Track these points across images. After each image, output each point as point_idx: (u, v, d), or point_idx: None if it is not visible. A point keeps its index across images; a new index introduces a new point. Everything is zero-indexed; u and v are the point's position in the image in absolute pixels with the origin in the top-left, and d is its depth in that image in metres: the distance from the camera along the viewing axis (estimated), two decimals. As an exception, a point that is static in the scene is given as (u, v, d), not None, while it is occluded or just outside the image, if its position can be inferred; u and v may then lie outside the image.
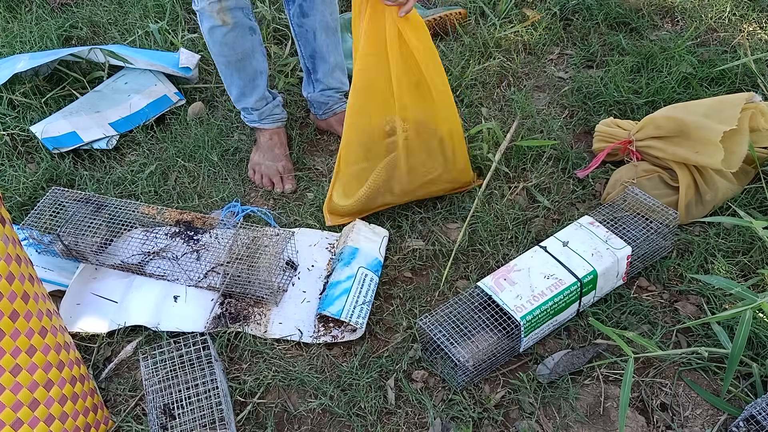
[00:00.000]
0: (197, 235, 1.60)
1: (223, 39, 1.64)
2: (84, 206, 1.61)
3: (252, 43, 1.68)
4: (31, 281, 1.09)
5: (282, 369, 1.38)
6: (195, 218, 1.63)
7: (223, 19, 1.60)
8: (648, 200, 1.49)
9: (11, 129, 2.03)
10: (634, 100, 1.89)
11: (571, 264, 1.35)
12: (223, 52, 1.68)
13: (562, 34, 2.23)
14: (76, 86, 2.18)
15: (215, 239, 1.59)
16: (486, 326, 1.34)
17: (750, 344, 1.31)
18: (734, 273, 1.46)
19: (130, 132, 2.02)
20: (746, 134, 1.53)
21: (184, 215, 1.63)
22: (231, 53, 1.67)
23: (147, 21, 2.48)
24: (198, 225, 1.62)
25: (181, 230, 1.61)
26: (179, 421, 1.25)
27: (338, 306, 1.41)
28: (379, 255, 1.55)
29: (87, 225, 1.57)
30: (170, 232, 1.61)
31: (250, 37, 1.67)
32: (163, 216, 1.61)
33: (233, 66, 1.70)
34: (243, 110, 1.84)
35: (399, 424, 1.27)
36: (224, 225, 1.61)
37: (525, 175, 1.76)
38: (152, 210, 1.62)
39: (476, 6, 2.34)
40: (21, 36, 2.45)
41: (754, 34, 2.12)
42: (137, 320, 1.45)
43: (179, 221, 1.62)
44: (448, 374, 1.32)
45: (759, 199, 1.59)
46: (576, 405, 1.27)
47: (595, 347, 1.35)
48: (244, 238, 1.53)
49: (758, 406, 1.13)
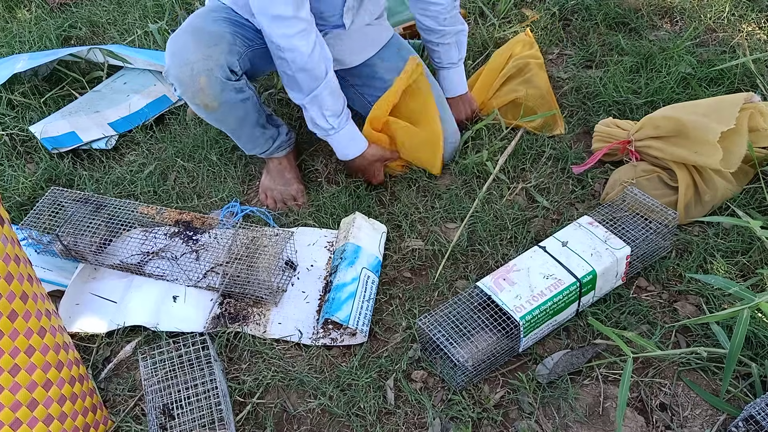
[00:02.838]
0: (196, 235, 1.60)
1: (213, 118, 1.57)
2: (83, 206, 1.61)
3: (245, 110, 1.58)
4: (30, 281, 1.09)
5: (281, 369, 1.38)
6: (194, 218, 1.63)
7: (206, 105, 1.52)
8: (647, 200, 1.49)
9: (10, 129, 2.03)
10: (633, 100, 1.90)
11: (570, 264, 1.35)
12: (215, 125, 1.61)
13: (562, 34, 2.23)
14: (75, 86, 2.19)
15: (214, 239, 1.59)
16: (485, 326, 1.34)
17: (749, 344, 1.31)
18: (733, 273, 1.46)
19: (129, 132, 2.02)
20: (745, 134, 1.53)
21: (184, 215, 1.63)
22: (224, 125, 1.61)
23: (146, 21, 2.48)
24: (197, 225, 1.62)
25: (180, 230, 1.61)
26: (178, 421, 1.25)
27: (345, 311, 1.41)
28: (378, 253, 1.55)
29: (86, 225, 1.57)
30: (169, 232, 1.61)
31: (242, 105, 1.56)
32: (162, 216, 1.61)
33: (229, 131, 1.64)
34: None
35: (398, 424, 1.27)
36: (223, 225, 1.60)
37: (524, 175, 1.76)
38: (151, 210, 1.62)
39: (476, 6, 2.34)
40: (20, 36, 2.45)
41: (753, 34, 2.12)
42: (136, 320, 1.45)
43: (178, 221, 1.62)
44: (448, 374, 1.32)
45: (758, 199, 1.59)
46: (575, 405, 1.27)
47: (594, 347, 1.35)
48: (243, 238, 1.52)
49: (757, 406, 1.13)
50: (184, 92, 1.51)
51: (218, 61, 1.47)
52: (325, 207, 1.71)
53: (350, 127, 1.63)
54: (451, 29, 1.78)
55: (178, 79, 1.49)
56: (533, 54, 1.97)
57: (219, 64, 1.47)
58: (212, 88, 1.48)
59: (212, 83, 1.47)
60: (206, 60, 1.46)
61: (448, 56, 1.82)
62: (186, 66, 1.46)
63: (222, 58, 1.47)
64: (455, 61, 1.84)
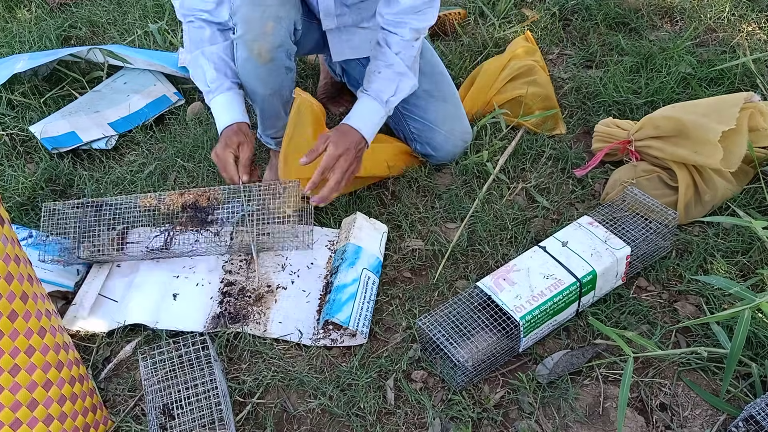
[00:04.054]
0: (210, 215, 1.59)
1: (255, 72, 1.54)
2: (85, 210, 1.59)
3: (284, 81, 1.58)
4: (30, 281, 1.09)
5: (281, 369, 1.38)
6: (197, 196, 1.60)
7: (260, 54, 1.50)
8: (647, 200, 1.49)
9: (10, 129, 2.03)
10: (633, 100, 1.90)
11: (570, 264, 1.35)
12: (250, 84, 1.58)
13: (562, 34, 2.23)
14: (75, 86, 2.18)
15: (229, 213, 1.59)
16: (485, 326, 1.34)
17: (749, 344, 1.31)
18: (733, 273, 1.46)
19: (129, 132, 2.02)
20: (745, 134, 1.53)
21: (186, 196, 1.60)
22: (260, 87, 1.58)
23: (146, 21, 2.48)
24: (204, 204, 1.60)
25: (192, 214, 1.59)
26: (178, 421, 1.25)
27: (346, 313, 1.41)
28: (379, 254, 1.55)
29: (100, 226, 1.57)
30: (182, 221, 1.60)
31: (284, 75, 1.57)
32: (165, 203, 1.59)
33: (258, 98, 1.62)
34: (260, 132, 1.81)
35: (398, 424, 1.27)
36: (229, 193, 1.59)
37: (524, 175, 1.76)
38: (150, 200, 1.60)
39: (476, 6, 2.35)
40: (20, 36, 2.45)
41: (753, 34, 2.12)
42: (136, 319, 1.45)
43: (184, 206, 1.59)
44: (448, 374, 1.32)
45: (758, 199, 1.59)
46: (575, 405, 1.27)
47: (594, 347, 1.35)
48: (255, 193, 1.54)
49: (757, 406, 1.13)
50: (246, 32, 1.49)
51: (289, 14, 1.49)
52: (326, 206, 1.71)
53: (225, 98, 1.60)
54: (398, 62, 1.55)
55: (246, 17, 1.49)
56: (537, 60, 1.98)
57: (289, 16, 1.49)
58: (275, 36, 1.48)
59: (277, 31, 1.48)
60: (279, 7, 1.48)
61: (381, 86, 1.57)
62: (259, 7, 1.47)
63: (293, 12, 1.50)
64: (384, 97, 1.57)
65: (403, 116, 1.75)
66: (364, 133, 1.53)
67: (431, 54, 1.77)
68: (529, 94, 1.85)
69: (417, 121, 1.73)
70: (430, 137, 1.73)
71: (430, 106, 1.72)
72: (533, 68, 1.92)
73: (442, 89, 1.75)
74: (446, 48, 2.19)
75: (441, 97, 1.74)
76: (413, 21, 1.51)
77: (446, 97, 1.75)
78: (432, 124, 1.72)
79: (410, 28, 1.51)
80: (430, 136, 1.73)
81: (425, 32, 1.56)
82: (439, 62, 1.78)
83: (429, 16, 1.52)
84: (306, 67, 2.19)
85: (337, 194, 1.52)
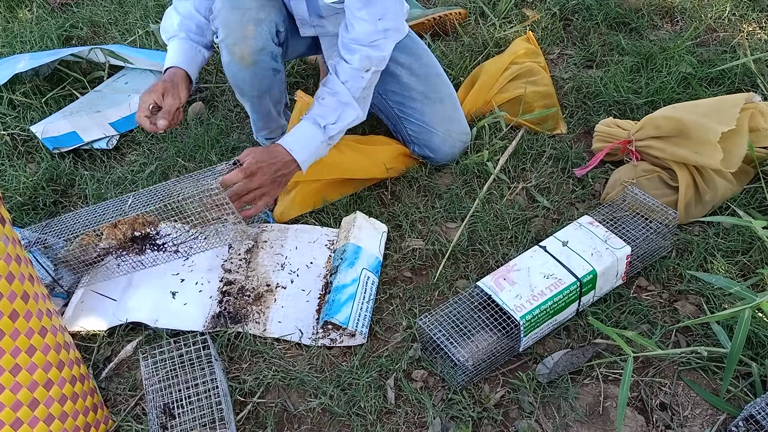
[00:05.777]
0: (159, 239, 1.53)
1: (240, 75, 1.54)
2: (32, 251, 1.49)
3: (272, 82, 1.57)
4: (31, 281, 1.09)
5: (282, 368, 1.38)
6: (131, 225, 1.49)
7: (242, 57, 1.49)
8: (647, 200, 1.49)
9: (11, 129, 2.03)
10: (633, 100, 1.90)
11: (570, 264, 1.35)
12: (237, 86, 1.59)
13: (562, 34, 2.23)
14: (76, 86, 2.19)
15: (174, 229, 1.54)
16: (485, 326, 1.34)
17: (749, 344, 1.31)
18: (734, 273, 1.46)
19: (130, 132, 2.02)
20: (745, 134, 1.53)
21: (120, 226, 1.48)
22: (247, 89, 1.58)
23: (147, 21, 2.48)
24: (142, 232, 1.51)
25: (138, 247, 1.51)
26: (179, 420, 1.25)
27: (345, 313, 1.41)
28: (379, 254, 1.55)
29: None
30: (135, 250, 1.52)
31: (271, 77, 1.56)
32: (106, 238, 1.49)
33: (247, 100, 1.62)
34: (254, 133, 1.80)
35: (399, 423, 1.28)
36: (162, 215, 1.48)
37: (525, 175, 1.76)
38: (89, 239, 1.50)
39: (476, 6, 2.35)
40: (21, 36, 2.46)
41: (754, 34, 2.12)
42: (135, 317, 1.46)
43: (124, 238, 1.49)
44: (448, 374, 1.32)
45: (758, 199, 1.59)
46: (575, 404, 1.27)
47: (594, 347, 1.35)
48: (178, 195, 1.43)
49: (757, 406, 1.14)
50: (227, 36, 1.50)
51: (269, 16, 1.49)
52: (326, 206, 1.71)
53: (173, 44, 1.60)
54: (345, 91, 1.50)
55: (225, 22, 1.49)
56: (539, 61, 1.98)
57: (270, 18, 1.49)
58: (256, 39, 1.48)
59: (258, 35, 1.48)
60: (259, 10, 1.47)
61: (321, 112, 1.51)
62: (238, 10, 1.47)
63: (274, 14, 1.49)
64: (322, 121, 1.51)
65: (400, 119, 1.75)
66: (296, 155, 1.47)
67: (427, 56, 1.77)
68: (529, 92, 1.85)
69: (414, 124, 1.73)
70: (427, 139, 1.73)
71: (426, 108, 1.72)
72: (534, 69, 1.92)
73: (438, 91, 1.75)
74: (446, 48, 2.19)
75: (437, 98, 1.74)
76: (366, 49, 1.48)
77: (443, 99, 1.75)
78: (429, 126, 1.72)
79: (362, 55, 1.48)
80: (428, 138, 1.73)
81: (379, 65, 1.53)
82: (436, 64, 1.78)
83: (382, 48, 1.50)
84: (306, 67, 2.20)
85: (256, 213, 1.46)
